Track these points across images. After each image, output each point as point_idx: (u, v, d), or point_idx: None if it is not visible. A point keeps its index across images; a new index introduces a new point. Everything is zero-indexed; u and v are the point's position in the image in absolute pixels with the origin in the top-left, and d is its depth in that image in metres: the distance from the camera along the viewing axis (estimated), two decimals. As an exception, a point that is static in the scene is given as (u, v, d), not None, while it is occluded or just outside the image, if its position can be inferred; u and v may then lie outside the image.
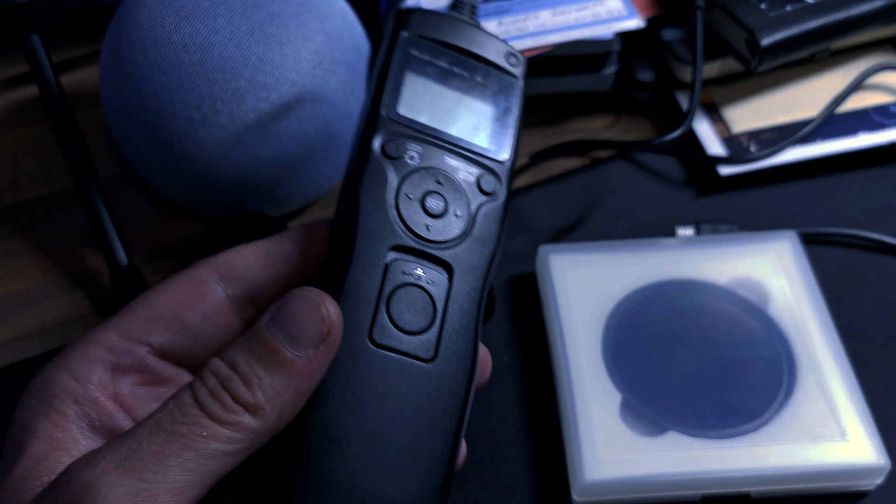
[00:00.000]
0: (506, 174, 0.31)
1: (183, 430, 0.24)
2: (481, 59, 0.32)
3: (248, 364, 0.25)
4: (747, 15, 0.51)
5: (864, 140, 0.52)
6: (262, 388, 0.25)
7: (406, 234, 0.29)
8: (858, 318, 0.45)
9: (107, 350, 0.27)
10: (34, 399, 0.26)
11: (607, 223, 0.50)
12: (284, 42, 0.43)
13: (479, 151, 0.31)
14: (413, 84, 0.31)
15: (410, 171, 0.30)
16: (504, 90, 0.32)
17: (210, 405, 0.25)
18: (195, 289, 0.29)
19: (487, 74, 0.32)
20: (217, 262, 0.30)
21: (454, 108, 0.31)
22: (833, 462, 0.38)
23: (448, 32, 0.32)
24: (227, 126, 0.42)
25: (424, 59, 0.31)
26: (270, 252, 0.30)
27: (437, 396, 0.28)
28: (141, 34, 0.43)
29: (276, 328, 0.26)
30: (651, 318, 0.43)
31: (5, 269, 0.48)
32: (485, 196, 0.30)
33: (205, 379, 0.25)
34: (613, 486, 0.38)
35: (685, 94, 0.55)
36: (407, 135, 0.30)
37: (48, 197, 0.52)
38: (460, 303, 0.29)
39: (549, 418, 0.42)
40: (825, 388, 0.40)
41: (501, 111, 0.32)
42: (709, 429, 0.39)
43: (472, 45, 0.32)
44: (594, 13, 0.52)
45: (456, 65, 0.32)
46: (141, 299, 0.29)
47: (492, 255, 0.30)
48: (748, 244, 0.46)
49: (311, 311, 0.26)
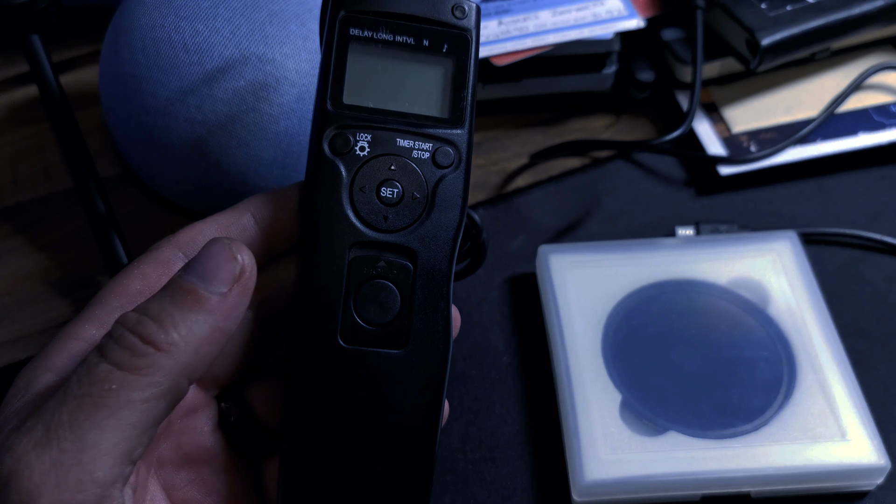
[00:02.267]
0: (464, 140, 0.30)
1: (91, 391, 0.24)
2: (424, 19, 0.30)
3: (160, 305, 0.25)
4: (747, 15, 0.51)
5: (864, 140, 0.52)
6: (174, 327, 0.25)
7: (364, 228, 0.29)
8: (858, 318, 0.45)
9: (86, 343, 0.27)
10: (17, 399, 0.26)
11: (607, 223, 0.50)
12: (284, 42, 0.43)
13: (433, 124, 0.30)
14: (356, 67, 0.30)
15: (361, 163, 0.29)
16: (454, 48, 0.30)
17: (116, 355, 0.24)
18: (162, 270, 0.29)
19: (434, 35, 0.30)
20: (178, 240, 0.30)
21: (402, 81, 0.30)
22: (833, 462, 0.38)
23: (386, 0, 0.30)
24: (227, 126, 0.42)
25: (364, 35, 0.30)
26: (228, 225, 0.30)
27: (413, 379, 0.29)
28: (141, 34, 0.43)
29: (189, 273, 0.26)
30: (651, 318, 0.43)
31: (5, 269, 0.48)
32: (442, 169, 0.30)
33: (112, 332, 0.25)
34: (613, 486, 0.38)
35: (685, 94, 0.55)
36: (355, 125, 0.30)
37: (48, 197, 0.52)
38: (426, 284, 0.29)
39: (549, 418, 0.42)
40: (825, 387, 0.40)
41: (453, 72, 0.30)
42: (709, 429, 0.39)
43: (412, 7, 0.30)
44: (594, 13, 0.52)
45: (399, 33, 0.30)
46: (111, 288, 0.28)
47: (455, 226, 0.30)
48: (748, 244, 0.46)
49: (223, 253, 0.27)
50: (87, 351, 0.27)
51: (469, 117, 0.30)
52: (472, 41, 0.31)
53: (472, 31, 0.31)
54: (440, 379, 0.29)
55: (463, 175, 0.30)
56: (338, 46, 0.30)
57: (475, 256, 0.40)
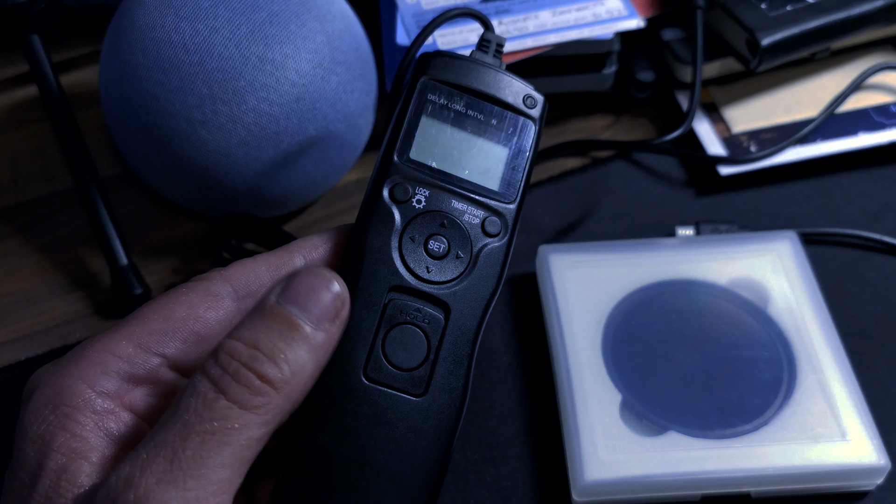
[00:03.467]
0: (512, 215, 0.32)
1: (213, 428, 0.24)
2: (497, 101, 0.33)
3: (270, 340, 0.25)
4: (747, 15, 0.51)
5: (864, 140, 0.52)
6: (287, 363, 0.25)
7: (407, 275, 0.31)
8: (858, 318, 0.45)
9: (122, 360, 0.27)
10: (48, 411, 0.26)
11: (607, 223, 0.50)
12: (284, 42, 0.43)
13: (487, 194, 0.32)
14: (427, 129, 0.32)
15: (416, 214, 0.31)
16: (518, 132, 0.33)
17: (236, 393, 0.24)
18: (210, 302, 0.29)
19: (503, 117, 0.33)
20: (231, 276, 0.30)
21: (466, 151, 0.32)
22: (833, 462, 0.38)
23: (466, 76, 0.33)
24: (227, 126, 0.42)
25: (441, 103, 0.32)
26: (280, 267, 0.31)
27: (425, 429, 0.30)
28: (141, 34, 0.43)
29: (290, 304, 0.26)
30: (651, 318, 0.43)
31: (5, 269, 0.48)
32: (488, 238, 0.32)
33: (224, 364, 0.25)
34: (613, 486, 0.38)
35: (685, 94, 0.55)
36: (416, 179, 0.32)
37: (48, 197, 0.52)
38: (455, 339, 0.31)
39: (549, 418, 0.42)
40: (825, 388, 0.40)
41: (514, 153, 0.33)
42: (709, 429, 0.39)
43: (489, 88, 0.33)
44: (594, 13, 0.52)
45: (472, 108, 0.33)
46: (155, 309, 0.28)
47: (491, 292, 0.32)
48: (748, 244, 0.46)
49: (323, 286, 0.27)
50: (121, 367, 0.27)
51: (520, 195, 0.33)
52: (535, 129, 0.33)
53: (537, 121, 0.33)
54: (450, 434, 0.30)
55: (506, 247, 0.32)
56: (414, 106, 0.32)
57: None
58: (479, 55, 0.34)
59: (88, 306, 0.47)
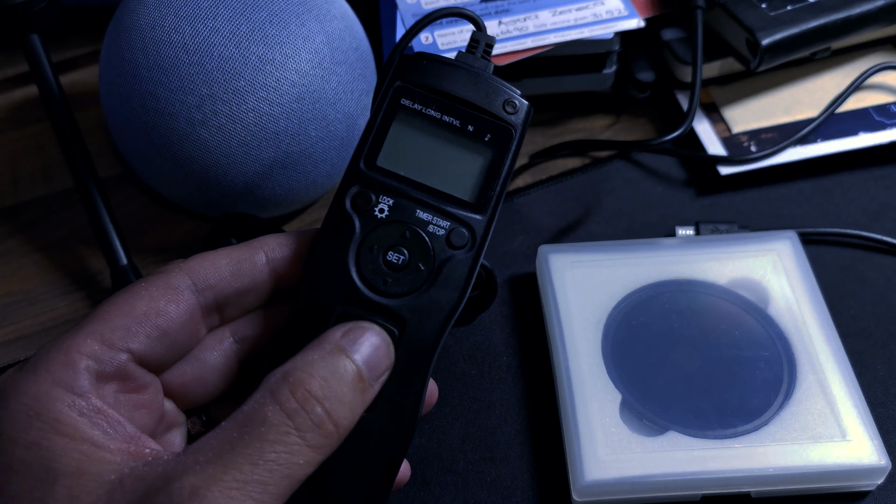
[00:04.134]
0: (482, 227, 0.31)
1: (283, 460, 0.25)
2: (475, 106, 0.31)
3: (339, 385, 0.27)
4: (747, 15, 0.51)
5: (864, 140, 0.52)
6: (352, 412, 0.27)
7: (362, 286, 0.30)
8: (858, 318, 0.45)
9: (90, 358, 0.27)
10: (32, 418, 0.26)
11: (607, 223, 0.50)
12: (284, 42, 0.43)
13: (456, 204, 0.31)
14: (398, 134, 0.31)
15: (377, 224, 0.30)
16: (496, 139, 0.32)
17: (309, 432, 0.26)
18: (171, 296, 0.29)
19: (480, 123, 0.31)
20: (190, 268, 0.30)
21: (438, 159, 0.31)
22: (833, 462, 0.38)
23: (444, 79, 0.31)
24: (227, 126, 0.42)
25: (414, 108, 0.31)
26: (242, 262, 0.31)
27: (368, 447, 0.29)
28: (141, 34, 0.43)
29: (357, 355, 0.28)
30: (651, 318, 0.43)
31: (5, 269, 0.48)
32: (453, 250, 0.31)
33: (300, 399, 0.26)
34: (613, 486, 0.38)
35: (685, 94, 0.55)
36: (381, 187, 0.31)
37: (48, 197, 0.52)
38: (407, 356, 0.30)
39: (549, 418, 0.42)
40: (825, 387, 0.40)
41: (490, 162, 0.31)
42: (709, 429, 0.39)
43: (466, 93, 0.31)
44: (594, 13, 0.52)
45: (447, 113, 0.31)
46: (116, 305, 0.28)
47: (452, 306, 0.30)
48: (748, 244, 0.46)
49: (383, 349, 0.29)
50: (90, 365, 0.27)
51: (493, 207, 0.31)
52: (515, 137, 0.32)
53: (517, 128, 0.32)
54: (397, 452, 0.30)
55: (472, 259, 0.31)
56: (385, 111, 0.31)
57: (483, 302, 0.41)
58: (465, 57, 0.33)
59: (88, 306, 0.47)
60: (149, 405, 0.29)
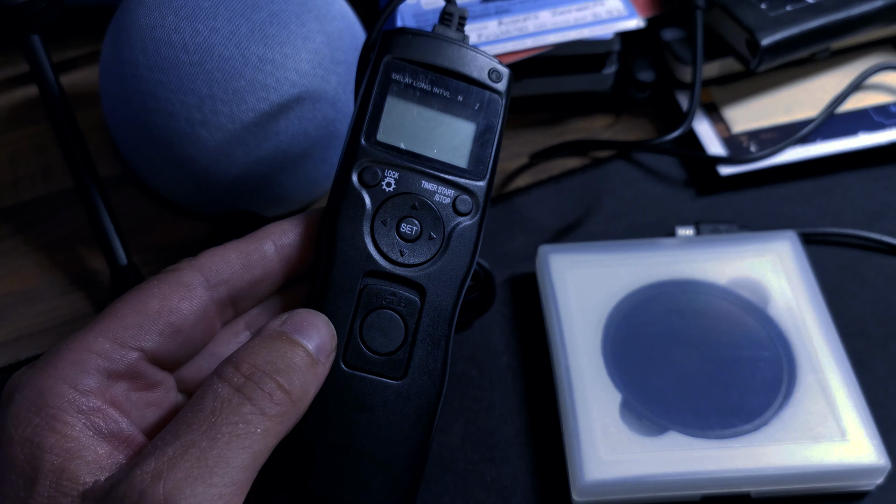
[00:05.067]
0: (482, 192, 0.32)
1: (240, 430, 0.25)
2: (462, 76, 0.32)
3: (284, 360, 0.27)
4: (747, 15, 0.51)
5: (864, 140, 0.52)
6: (299, 380, 0.27)
7: (381, 259, 0.31)
8: (858, 318, 0.45)
9: (100, 357, 0.27)
10: (32, 413, 0.26)
11: (607, 223, 0.50)
12: (284, 42, 0.43)
13: (456, 172, 0.32)
14: (393, 109, 0.32)
15: (386, 197, 0.31)
16: (486, 107, 0.32)
17: (261, 400, 0.26)
18: (183, 293, 0.29)
19: (469, 92, 0.32)
20: (201, 265, 0.30)
21: (434, 130, 0.32)
22: (833, 462, 0.38)
23: (430, 52, 0.32)
24: (227, 126, 0.42)
25: (405, 82, 0.32)
26: (250, 253, 0.31)
27: (406, 411, 0.30)
28: (141, 34, 0.43)
29: (299, 335, 0.28)
30: (651, 318, 0.43)
31: (5, 269, 0.48)
32: (460, 216, 0.31)
33: (246, 373, 0.26)
34: (613, 486, 0.38)
35: (685, 94, 0.55)
36: (385, 161, 0.31)
37: (48, 197, 0.52)
38: (431, 321, 0.31)
39: (549, 418, 0.42)
40: (825, 388, 0.40)
41: (482, 129, 0.32)
42: (709, 429, 0.39)
43: (454, 64, 0.32)
44: (594, 13, 0.52)
45: (437, 85, 0.32)
46: (128, 303, 0.29)
47: (465, 271, 0.31)
48: (748, 244, 0.46)
49: (324, 325, 0.29)
50: (100, 364, 0.27)
51: (490, 172, 0.32)
52: (502, 103, 0.33)
53: (504, 95, 0.33)
54: (432, 415, 0.30)
55: (478, 224, 0.32)
56: (379, 87, 0.32)
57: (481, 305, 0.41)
58: (442, 29, 0.33)
59: (88, 306, 0.47)
60: (160, 403, 0.29)
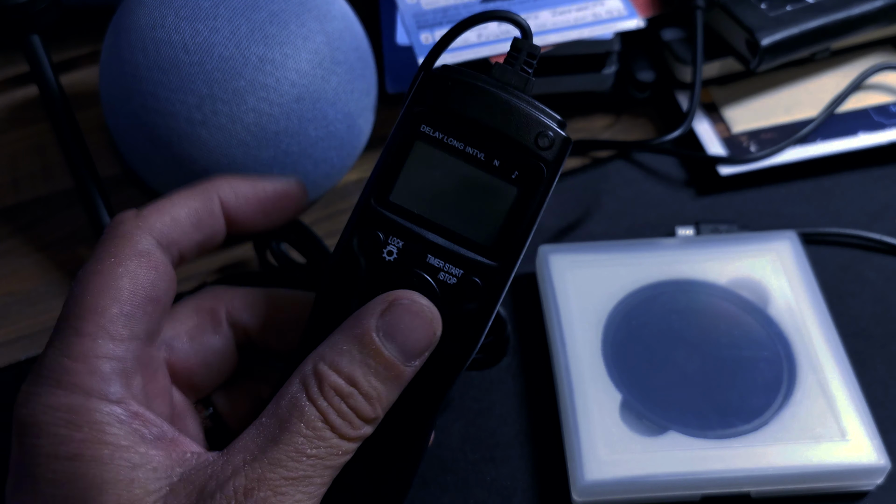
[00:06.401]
0: (499, 276, 0.28)
1: (324, 454, 0.26)
2: (504, 137, 0.27)
3: (367, 379, 0.27)
4: (747, 15, 0.51)
5: (864, 140, 0.52)
6: (380, 402, 0.27)
7: None
8: (858, 318, 0.45)
9: (110, 360, 0.27)
10: (73, 431, 0.25)
11: (607, 223, 0.50)
12: (284, 42, 0.43)
13: (473, 248, 0.28)
14: (414, 167, 0.28)
15: (384, 268, 0.28)
16: (525, 176, 0.28)
17: (342, 428, 0.26)
18: (145, 263, 0.28)
19: (508, 157, 0.28)
20: (150, 226, 0.29)
21: (457, 195, 0.28)
22: (833, 462, 0.38)
23: (470, 102, 0.27)
24: (227, 126, 0.42)
25: (434, 136, 0.28)
26: (199, 209, 0.30)
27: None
28: (141, 34, 0.43)
29: (390, 342, 0.27)
30: (651, 318, 0.43)
31: (5, 269, 0.48)
32: (464, 302, 0.28)
33: (328, 398, 0.26)
34: (613, 486, 0.38)
35: (685, 94, 0.55)
36: (391, 226, 0.28)
37: (48, 197, 0.52)
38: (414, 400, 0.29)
39: (549, 418, 0.42)
40: (825, 388, 0.40)
41: (514, 202, 0.28)
42: (709, 429, 0.39)
43: (497, 121, 0.27)
44: (594, 13, 0.52)
45: (471, 144, 0.28)
46: (100, 292, 0.27)
47: (461, 359, 0.28)
48: (748, 244, 0.46)
49: (425, 328, 0.27)
50: (115, 367, 0.26)
51: (513, 255, 0.28)
52: (545, 176, 0.28)
53: (550, 166, 0.28)
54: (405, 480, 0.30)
55: (483, 314, 0.28)
56: (402, 139, 0.28)
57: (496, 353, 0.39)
58: (502, 71, 0.28)
59: (88, 306, 0.47)
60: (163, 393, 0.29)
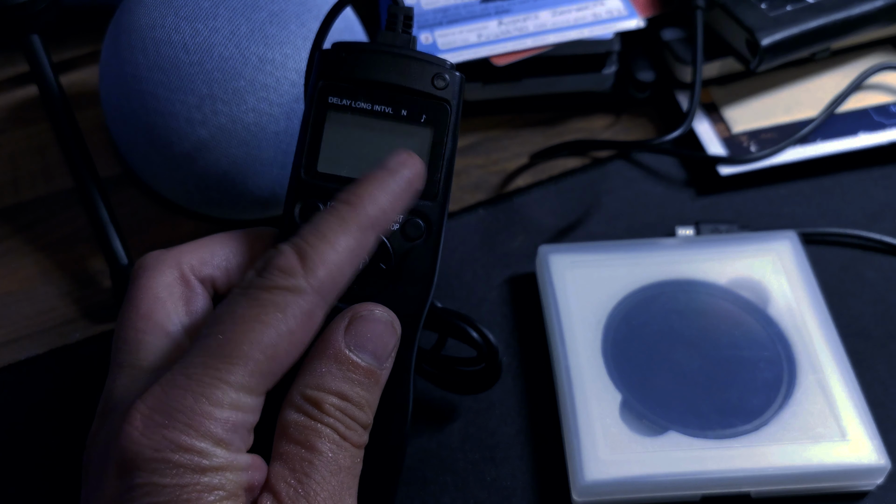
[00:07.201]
0: (436, 212, 0.30)
1: (349, 463, 0.28)
2: (403, 89, 0.30)
3: (354, 391, 0.28)
4: (747, 15, 0.51)
5: (864, 140, 0.52)
6: (370, 407, 0.29)
7: None
8: (858, 318, 0.45)
9: (251, 415, 0.27)
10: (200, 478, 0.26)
11: (607, 223, 0.50)
12: (284, 42, 0.43)
13: None
14: (332, 136, 0.30)
15: None
16: (432, 118, 0.30)
17: (353, 437, 0.28)
18: (310, 324, 0.29)
19: (412, 105, 0.30)
20: (321, 286, 0.28)
21: (377, 152, 0.30)
22: (833, 462, 0.38)
23: (365, 67, 0.30)
24: (227, 126, 0.42)
25: (343, 104, 0.30)
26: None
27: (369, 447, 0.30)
28: (141, 34, 0.43)
29: (363, 352, 0.29)
30: (651, 318, 0.43)
31: (5, 269, 0.48)
32: (411, 241, 0.30)
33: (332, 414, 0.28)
34: (613, 486, 0.38)
35: (685, 94, 0.55)
36: (326, 193, 0.30)
37: (48, 197, 0.52)
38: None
39: (549, 418, 0.42)
40: (825, 388, 0.40)
41: (431, 143, 0.30)
42: (709, 429, 0.39)
43: (392, 76, 0.30)
44: (594, 13, 0.52)
45: (377, 102, 0.30)
46: (255, 341, 0.27)
47: (422, 297, 0.30)
48: (748, 244, 0.46)
49: (388, 331, 0.29)
50: (252, 423, 0.27)
51: (443, 190, 0.30)
52: (451, 112, 0.30)
53: (451, 102, 0.30)
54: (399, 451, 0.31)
55: (432, 248, 0.30)
56: (316, 114, 0.30)
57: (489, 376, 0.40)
58: (385, 36, 0.31)
59: (88, 306, 0.47)
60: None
